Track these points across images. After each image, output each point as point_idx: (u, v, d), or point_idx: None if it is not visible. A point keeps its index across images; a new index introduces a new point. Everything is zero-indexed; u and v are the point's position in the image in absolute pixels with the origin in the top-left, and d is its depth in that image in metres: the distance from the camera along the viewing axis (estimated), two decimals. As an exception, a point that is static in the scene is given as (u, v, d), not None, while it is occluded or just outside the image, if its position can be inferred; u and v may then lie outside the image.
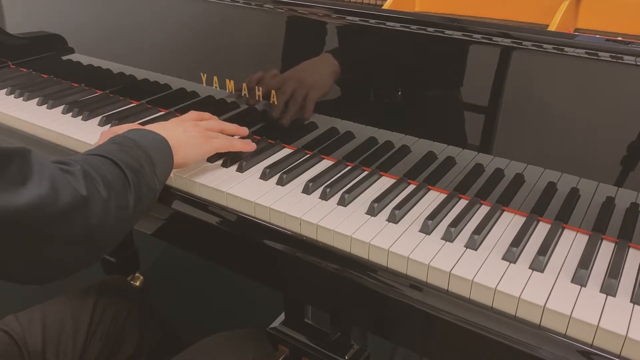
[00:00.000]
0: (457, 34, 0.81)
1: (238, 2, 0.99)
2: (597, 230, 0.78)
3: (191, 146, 0.87)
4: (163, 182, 0.80)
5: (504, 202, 0.84)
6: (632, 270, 0.72)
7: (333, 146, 0.97)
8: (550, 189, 0.80)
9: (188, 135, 0.87)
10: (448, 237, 0.77)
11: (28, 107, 1.20)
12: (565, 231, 0.80)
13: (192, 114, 0.99)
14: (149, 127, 0.86)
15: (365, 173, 0.93)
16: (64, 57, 1.31)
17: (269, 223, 0.84)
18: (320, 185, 0.89)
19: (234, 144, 0.94)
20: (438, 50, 0.84)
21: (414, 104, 0.89)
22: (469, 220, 0.81)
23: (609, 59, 0.71)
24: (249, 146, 0.96)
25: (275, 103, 1.00)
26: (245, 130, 1.00)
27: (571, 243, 0.77)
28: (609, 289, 0.67)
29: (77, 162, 0.68)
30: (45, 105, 1.20)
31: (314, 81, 0.95)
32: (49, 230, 0.60)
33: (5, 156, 0.58)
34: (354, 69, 0.93)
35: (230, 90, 1.05)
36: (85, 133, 1.08)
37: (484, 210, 0.84)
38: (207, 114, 1.00)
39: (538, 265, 0.71)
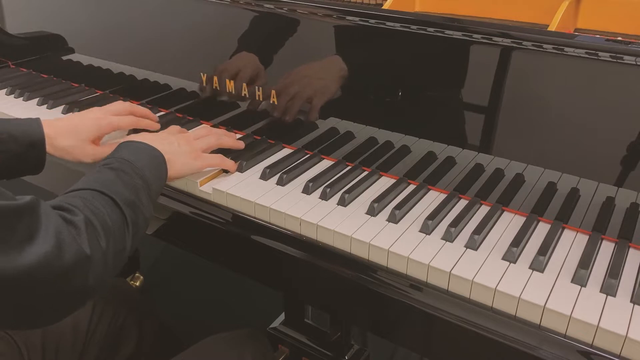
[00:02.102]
0: (457, 34, 0.81)
1: (238, 2, 0.99)
2: (597, 230, 0.78)
3: (184, 160, 0.87)
4: (156, 200, 0.80)
5: (504, 202, 0.84)
6: (632, 270, 0.72)
7: (333, 146, 0.97)
8: (550, 189, 0.80)
9: (182, 150, 0.87)
10: (448, 237, 0.77)
11: (28, 107, 1.20)
12: (565, 231, 0.80)
13: (176, 127, 0.98)
14: (143, 136, 0.85)
15: (365, 173, 0.93)
16: (64, 57, 1.31)
17: (269, 223, 0.84)
18: (320, 185, 0.89)
19: (225, 162, 0.92)
20: (438, 50, 0.84)
21: (414, 104, 0.89)
22: (469, 220, 0.81)
23: (609, 59, 0.71)
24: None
25: (276, 103, 1.00)
26: (241, 144, 0.98)
27: (571, 243, 0.77)
28: (609, 289, 0.67)
29: (79, 208, 0.66)
30: (46, 105, 1.20)
31: (321, 85, 0.95)
32: (49, 287, 0.60)
33: (17, 213, 0.58)
34: (354, 69, 0.92)
35: (230, 90, 1.05)
36: (85, 133, 1.08)
37: (484, 210, 0.84)
38: (202, 131, 0.97)
39: (538, 265, 0.71)
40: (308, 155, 0.99)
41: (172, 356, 0.90)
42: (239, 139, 1.01)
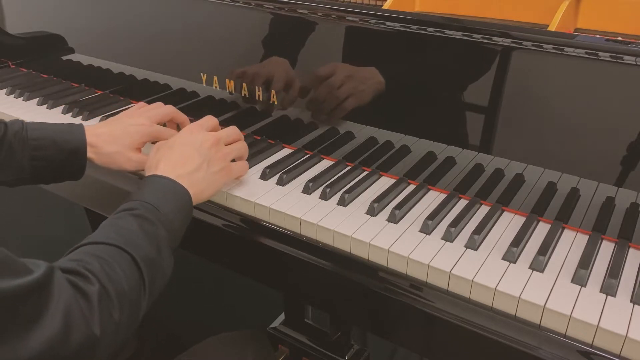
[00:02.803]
0: (457, 34, 0.81)
1: (238, 2, 0.99)
2: (597, 230, 0.78)
3: (212, 184, 0.82)
4: (177, 245, 0.76)
5: (504, 202, 0.84)
6: (632, 270, 0.72)
7: (333, 146, 0.97)
8: (550, 189, 0.80)
9: (210, 170, 0.81)
10: (448, 237, 0.77)
11: (28, 107, 1.20)
12: (565, 231, 0.80)
13: (212, 120, 0.90)
14: (170, 164, 0.79)
15: (365, 173, 0.93)
16: (64, 57, 1.31)
17: (269, 223, 0.84)
18: (320, 185, 0.89)
19: (247, 169, 0.90)
20: (438, 50, 0.84)
21: (414, 104, 0.89)
22: (469, 220, 0.81)
23: (609, 59, 0.71)
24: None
25: (275, 103, 1.00)
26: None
27: (571, 243, 0.77)
28: (609, 289, 0.67)
29: (96, 274, 0.61)
30: (46, 105, 1.20)
31: (361, 90, 0.92)
32: None
33: (27, 292, 0.53)
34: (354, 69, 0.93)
35: (230, 90, 1.05)
36: (85, 133, 1.08)
37: (484, 210, 0.84)
38: (233, 133, 0.90)
39: (538, 265, 0.71)
40: (308, 155, 0.99)
41: (172, 357, 0.90)
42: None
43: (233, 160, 0.87)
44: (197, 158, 0.80)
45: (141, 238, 0.68)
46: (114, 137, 0.87)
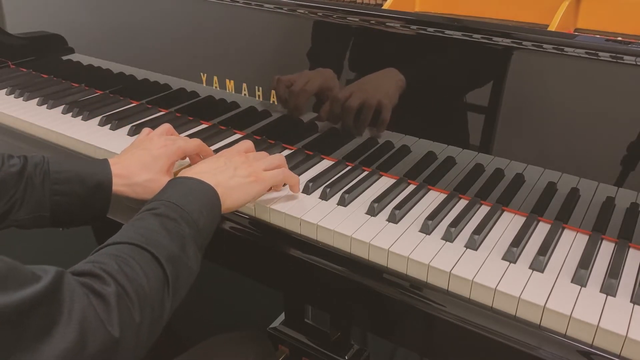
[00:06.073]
0: (457, 34, 0.81)
1: (238, 2, 0.99)
2: (597, 230, 0.78)
3: (242, 189, 0.78)
4: (205, 245, 0.73)
5: (504, 202, 0.84)
6: (632, 270, 0.72)
7: (333, 146, 0.97)
8: (550, 189, 0.81)
9: (238, 174, 0.79)
10: (448, 237, 0.77)
11: (28, 107, 1.20)
12: (565, 231, 0.80)
13: (247, 143, 0.89)
14: (193, 167, 0.79)
15: (365, 173, 0.93)
16: (64, 57, 1.31)
17: (269, 223, 0.84)
18: (320, 185, 0.89)
19: (291, 177, 0.85)
20: (438, 50, 0.84)
21: (414, 104, 0.89)
22: (469, 220, 0.81)
23: (609, 59, 0.71)
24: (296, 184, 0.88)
25: (276, 103, 1.00)
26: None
27: (571, 243, 0.77)
28: (609, 289, 0.67)
29: (112, 275, 0.58)
30: (45, 105, 1.20)
31: (379, 97, 0.90)
32: None
33: (35, 303, 0.49)
34: (354, 69, 0.93)
35: (231, 90, 1.05)
36: (85, 133, 1.08)
37: (484, 210, 0.84)
38: (265, 154, 0.87)
39: (538, 265, 0.71)
40: (308, 155, 0.99)
41: (172, 357, 0.90)
42: (239, 139, 1.01)
43: None
44: (222, 163, 0.80)
45: (163, 236, 0.65)
46: (143, 165, 0.83)
